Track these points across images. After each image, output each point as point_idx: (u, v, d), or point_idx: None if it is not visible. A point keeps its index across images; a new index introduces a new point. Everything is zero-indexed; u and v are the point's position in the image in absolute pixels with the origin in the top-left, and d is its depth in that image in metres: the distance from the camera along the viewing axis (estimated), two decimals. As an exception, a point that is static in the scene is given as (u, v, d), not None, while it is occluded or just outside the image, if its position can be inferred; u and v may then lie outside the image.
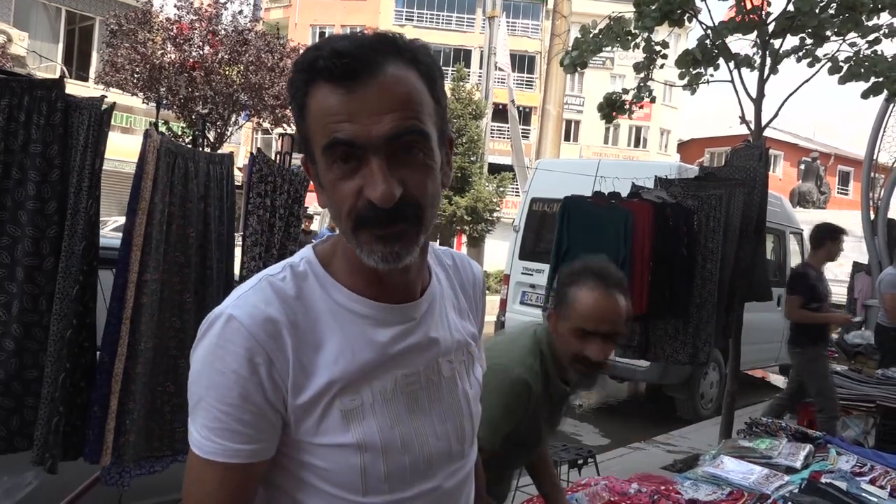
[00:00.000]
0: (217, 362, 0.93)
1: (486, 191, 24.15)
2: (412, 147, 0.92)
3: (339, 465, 0.97)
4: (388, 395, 1.01)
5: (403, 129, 0.91)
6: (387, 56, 0.92)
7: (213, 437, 0.93)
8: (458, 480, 1.09)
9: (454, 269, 1.19)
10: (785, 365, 9.39)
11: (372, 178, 0.90)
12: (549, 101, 19.56)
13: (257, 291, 0.98)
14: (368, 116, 0.89)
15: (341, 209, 0.94)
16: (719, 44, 5.20)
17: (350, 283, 1.01)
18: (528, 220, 8.02)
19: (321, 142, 0.92)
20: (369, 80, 0.90)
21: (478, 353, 1.19)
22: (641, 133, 39.13)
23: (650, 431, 6.50)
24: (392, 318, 1.02)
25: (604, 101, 5.83)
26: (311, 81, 0.92)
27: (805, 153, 28.12)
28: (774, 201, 8.61)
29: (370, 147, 0.90)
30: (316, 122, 0.93)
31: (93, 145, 2.58)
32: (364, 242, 0.93)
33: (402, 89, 0.92)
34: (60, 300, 2.52)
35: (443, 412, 1.06)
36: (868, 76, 5.18)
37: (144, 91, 16.94)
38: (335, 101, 0.90)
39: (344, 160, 0.92)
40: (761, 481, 3.08)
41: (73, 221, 2.55)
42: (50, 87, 2.57)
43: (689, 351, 4.50)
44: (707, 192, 4.58)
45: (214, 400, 0.93)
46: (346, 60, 0.89)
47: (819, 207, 24.31)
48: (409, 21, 35.31)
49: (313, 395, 0.96)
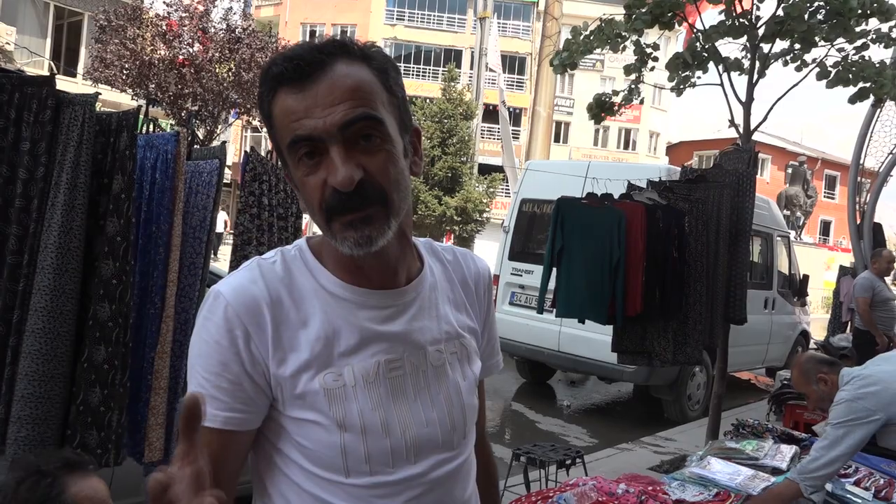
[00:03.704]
0: (205, 333, 1.01)
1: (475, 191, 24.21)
2: (369, 134, 0.98)
3: (320, 444, 1.01)
4: (370, 378, 1.04)
5: (354, 116, 0.96)
6: (335, 56, 0.99)
7: None
8: (449, 471, 1.10)
9: (454, 263, 1.23)
10: (771, 367, 9.47)
11: (332, 165, 0.96)
12: (540, 102, 19.60)
13: (247, 272, 1.05)
14: (322, 109, 0.96)
15: (313, 203, 1.00)
16: (709, 47, 5.23)
17: (335, 271, 1.07)
18: (518, 221, 8.03)
19: (286, 141, 0.99)
20: (320, 78, 0.97)
21: (475, 347, 1.20)
22: (631, 135, 39.29)
23: (637, 432, 6.52)
24: (372, 301, 1.07)
25: (593, 102, 5.85)
26: (272, 90, 0.99)
27: (792, 157, 28.29)
28: (762, 205, 8.66)
29: (327, 137, 0.96)
30: (280, 125, 0.99)
31: (87, 141, 2.56)
32: (337, 231, 0.99)
33: (351, 81, 0.98)
34: (43, 294, 2.45)
35: (430, 400, 1.09)
36: (856, 81, 5.22)
37: (133, 87, 16.87)
38: (292, 101, 0.97)
39: (308, 156, 0.98)
40: (747, 482, 3.11)
41: (51, 215, 2.49)
42: (41, 84, 2.55)
43: (687, 350, 4.51)
44: (697, 195, 4.61)
45: (200, 367, 1.01)
46: (296, 63, 0.97)
47: (806, 211, 24.48)
48: (399, 21, 35.26)
49: (295, 369, 1.01)
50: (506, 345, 7.11)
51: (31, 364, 2.43)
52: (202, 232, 2.99)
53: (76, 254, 2.52)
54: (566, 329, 7.09)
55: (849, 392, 2.81)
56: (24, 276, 2.50)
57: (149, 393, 2.79)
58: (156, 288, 2.83)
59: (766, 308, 8.79)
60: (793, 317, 9.72)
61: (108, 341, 2.58)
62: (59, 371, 2.49)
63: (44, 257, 2.48)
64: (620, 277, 4.19)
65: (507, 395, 8.30)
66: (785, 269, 9.41)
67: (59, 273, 2.47)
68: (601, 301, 4.24)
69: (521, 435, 6.55)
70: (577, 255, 4.35)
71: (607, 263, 4.22)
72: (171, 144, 2.84)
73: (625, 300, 4.20)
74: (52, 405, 2.47)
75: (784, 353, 9.55)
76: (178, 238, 2.82)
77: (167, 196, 2.83)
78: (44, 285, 2.46)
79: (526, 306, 7.66)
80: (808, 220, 25.75)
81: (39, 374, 2.44)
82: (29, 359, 2.43)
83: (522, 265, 7.80)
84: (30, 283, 2.50)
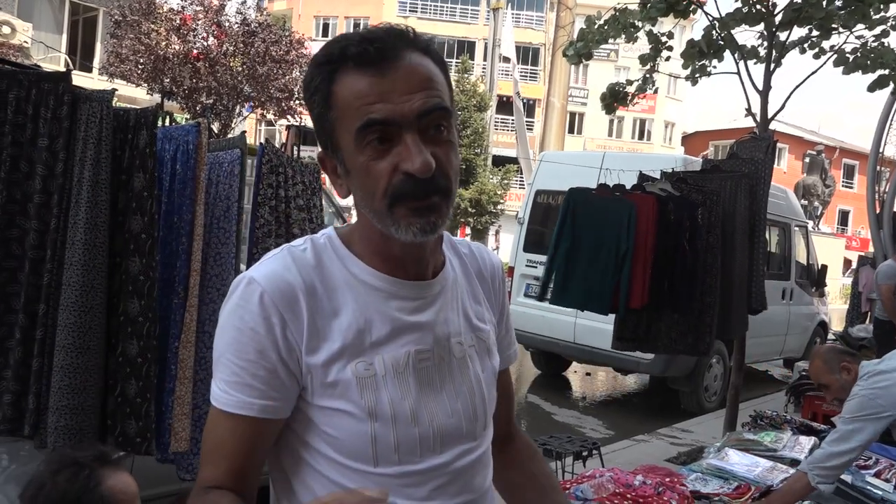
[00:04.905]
0: (237, 321, 1.00)
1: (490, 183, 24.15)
2: (439, 124, 0.99)
3: (350, 434, 1.01)
4: (400, 368, 1.05)
5: (432, 105, 0.97)
6: (406, 44, 0.99)
7: (229, 391, 1.00)
8: (471, 461, 1.10)
9: (470, 257, 1.23)
10: (789, 358, 9.40)
11: (408, 151, 0.95)
12: (554, 93, 19.52)
13: (278, 259, 1.04)
14: (400, 96, 0.95)
15: (376, 189, 0.98)
16: (725, 35, 5.17)
17: (368, 260, 1.07)
18: (533, 213, 8.01)
19: (354, 124, 0.97)
20: (397, 64, 0.96)
21: (493, 340, 1.21)
22: (646, 125, 39.03)
23: (654, 424, 6.50)
24: (404, 292, 1.07)
25: (607, 92, 5.81)
26: (338, 70, 0.98)
27: (810, 146, 28.03)
28: (780, 194, 8.58)
29: (404, 124, 0.96)
30: (347, 106, 0.97)
31: (106, 138, 2.58)
32: (401, 217, 0.98)
33: (426, 71, 0.99)
34: (73, 290, 2.52)
35: (454, 391, 1.10)
36: (875, 68, 5.15)
37: (148, 82, 16.95)
38: (366, 84, 0.96)
39: (378, 141, 0.97)
40: (766, 474, 3.09)
41: (75, 212, 2.55)
42: (57, 80, 2.57)
43: (689, 341, 4.49)
44: (712, 186, 4.56)
45: (233, 355, 1.00)
46: (377, 45, 0.96)
47: (824, 201, 24.23)
48: (412, 12, 35.19)
49: (327, 357, 1.01)
50: (521, 336, 7.10)
51: (65, 357, 2.51)
52: (227, 222, 3.01)
53: (102, 249, 2.58)
54: (582, 321, 7.07)
55: (863, 387, 2.79)
56: (48, 272, 2.54)
57: (174, 383, 2.82)
58: (179, 278, 2.86)
59: (784, 299, 8.71)
60: (811, 307, 9.64)
61: (139, 336, 2.65)
62: (93, 363, 2.56)
63: (71, 254, 2.54)
64: (627, 269, 4.17)
65: (522, 386, 8.30)
66: (803, 259, 9.33)
67: (87, 269, 2.54)
68: (604, 291, 4.22)
69: (537, 427, 6.55)
70: (583, 244, 4.34)
71: (614, 254, 4.20)
72: (192, 135, 2.86)
73: (629, 292, 4.18)
74: (89, 395, 2.55)
75: (802, 344, 9.47)
76: (201, 228, 2.84)
77: (189, 187, 2.85)
78: (73, 281, 2.53)
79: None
80: (826, 209, 25.50)
81: (74, 366, 2.52)
82: (63, 352, 2.51)
83: (537, 257, 7.78)
84: (54, 277, 2.55)
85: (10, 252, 2.54)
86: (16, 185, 2.52)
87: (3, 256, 2.53)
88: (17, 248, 2.54)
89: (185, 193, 2.86)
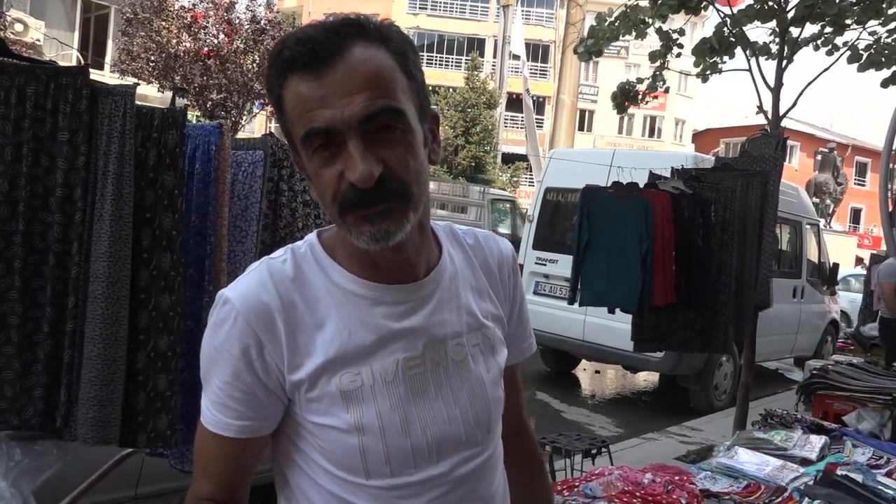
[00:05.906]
0: (215, 340, 0.99)
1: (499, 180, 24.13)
2: (389, 125, 0.92)
3: (338, 447, 0.99)
4: (388, 377, 1.00)
5: (375, 108, 0.91)
6: (352, 38, 0.92)
7: (211, 409, 1.00)
8: (474, 468, 1.06)
9: (475, 247, 1.16)
10: (799, 357, 9.35)
11: (350, 160, 0.90)
12: (564, 90, 19.48)
13: (254, 276, 1.01)
14: (339, 99, 0.90)
15: (326, 196, 0.95)
16: (737, 32, 5.15)
17: (349, 266, 1.03)
18: (543, 210, 7.99)
19: (299, 133, 0.93)
20: (336, 63, 0.90)
21: (499, 336, 1.14)
22: (656, 123, 38.88)
23: (663, 422, 6.48)
24: (388, 297, 1.02)
25: (617, 91, 5.79)
26: (283, 74, 0.93)
27: (822, 143, 27.86)
28: (791, 192, 8.53)
29: (345, 130, 0.90)
30: (293, 114, 0.94)
31: (129, 132, 2.61)
32: (352, 225, 0.94)
33: (370, 68, 0.91)
34: (100, 282, 2.57)
35: (452, 397, 1.04)
36: (888, 65, 5.12)
37: (159, 79, 17.01)
38: (305, 88, 0.91)
39: (323, 147, 0.92)
40: (776, 473, 3.08)
41: (101, 205, 2.59)
42: (75, 75, 2.59)
43: (706, 338, 4.48)
44: (724, 183, 4.54)
45: (213, 376, 0.99)
46: (309, 46, 0.90)
47: (835, 199, 24.09)
48: (422, 10, 35.16)
49: (310, 373, 0.98)
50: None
51: (93, 348, 2.55)
52: (244, 221, 3.04)
53: (127, 242, 2.62)
54: (591, 318, 7.06)
55: None
56: (76, 265, 2.58)
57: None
58: (209, 278, 2.90)
59: (795, 297, 8.67)
60: (822, 306, 9.58)
61: (170, 330, 2.70)
62: (119, 354, 2.60)
63: (97, 246, 2.58)
64: (648, 267, 4.16)
65: (531, 384, 8.30)
66: (814, 257, 9.28)
67: (113, 261, 2.58)
68: (633, 289, 4.21)
69: (546, 424, 6.54)
70: (603, 244, 4.33)
71: (637, 252, 4.19)
72: (214, 136, 2.89)
73: (652, 289, 4.18)
74: (115, 387, 2.59)
75: (813, 343, 9.42)
76: (224, 229, 2.89)
77: (212, 187, 2.88)
78: (100, 273, 2.57)
79: (550, 296, 7.63)
80: (837, 207, 25.34)
81: (102, 357, 2.56)
82: (91, 343, 2.55)
83: (547, 254, 7.77)
84: (82, 270, 2.59)
85: (34, 247, 2.57)
86: (37, 179, 2.55)
87: (28, 252, 2.56)
88: (41, 242, 2.57)
89: (206, 193, 2.89)
